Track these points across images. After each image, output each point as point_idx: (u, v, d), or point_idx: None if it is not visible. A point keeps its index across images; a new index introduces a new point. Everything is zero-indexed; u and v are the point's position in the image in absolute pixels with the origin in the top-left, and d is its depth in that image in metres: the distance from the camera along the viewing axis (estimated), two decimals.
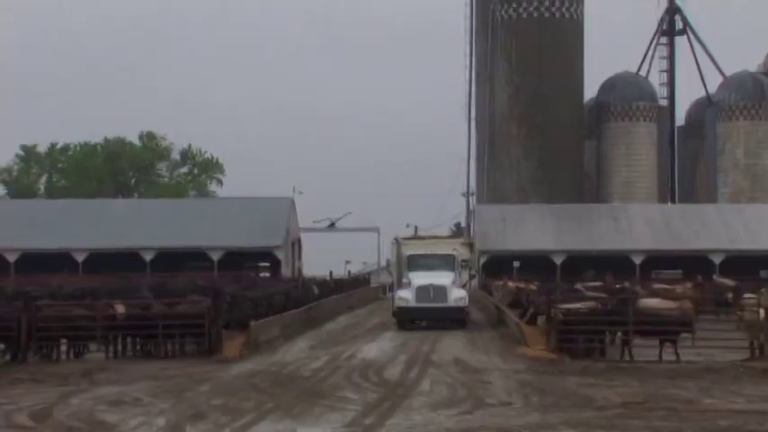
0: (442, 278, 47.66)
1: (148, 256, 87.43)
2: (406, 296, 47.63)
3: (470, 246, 57.27)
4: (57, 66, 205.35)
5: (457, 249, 51.77)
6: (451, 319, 46.91)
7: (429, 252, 50.63)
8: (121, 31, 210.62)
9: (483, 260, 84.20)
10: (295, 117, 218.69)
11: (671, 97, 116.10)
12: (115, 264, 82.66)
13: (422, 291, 47.07)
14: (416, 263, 49.33)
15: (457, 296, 47.48)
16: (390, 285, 52.61)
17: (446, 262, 49.34)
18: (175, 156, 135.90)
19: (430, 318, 47.28)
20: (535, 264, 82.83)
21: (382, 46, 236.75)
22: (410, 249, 51.21)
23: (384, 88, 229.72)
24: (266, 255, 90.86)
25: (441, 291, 47.04)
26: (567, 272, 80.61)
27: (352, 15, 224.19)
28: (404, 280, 49.16)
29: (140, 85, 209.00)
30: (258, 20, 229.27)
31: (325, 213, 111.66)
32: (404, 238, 54.49)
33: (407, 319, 47.42)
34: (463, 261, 51.28)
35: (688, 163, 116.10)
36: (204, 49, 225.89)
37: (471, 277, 55.51)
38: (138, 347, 35.07)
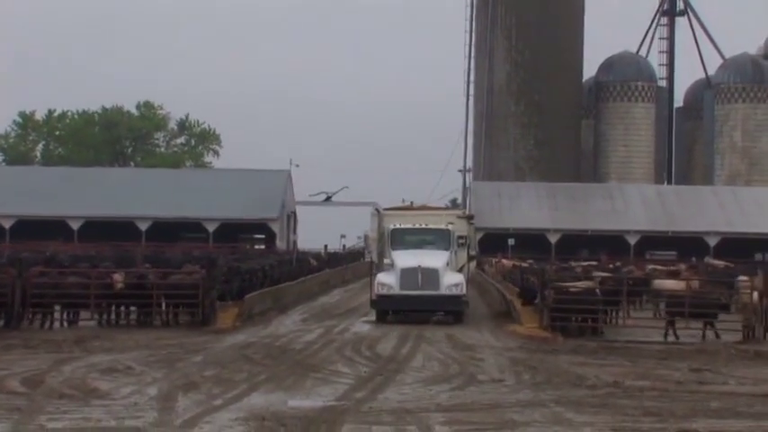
0: (434, 259, 38.38)
1: (144, 226, 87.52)
2: (387, 281, 38.17)
3: (469, 219, 45.28)
4: (56, 33, 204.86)
5: (453, 223, 41.73)
6: (445, 311, 38.51)
7: (418, 226, 41.01)
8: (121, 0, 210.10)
9: (478, 237, 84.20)
10: (293, 90, 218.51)
11: (670, 78, 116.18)
12: (110, 232, 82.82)
13: (408, 274, 37.73)
14: (402, 239, 40.04)
15: (452, 282, 38.14)
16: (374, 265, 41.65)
17: (439, 239, 40.03)
18: (173, 126, 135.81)
19: (418, 308, 37.87)
20: (530, 242, 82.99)
21: (381, 20, 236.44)
22: (394, 222, 41.19)
23: (383, 63, 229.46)
24: (261, 227, 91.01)
25: (432, 275, 37.71)
26: (562, 250, 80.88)
27: None
28: (386, 260, 39.92)
29: (138, 54, 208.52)
30: None
31: (321, 187, 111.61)
32: (386, 209, 44.22)
33: (389, 310, 38.59)
34: (460, 238, 41.23)
35: (685, 144, 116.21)
36: (204, 22, 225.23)
37: (470, 258, 43.77)
38: (131, 316, 35.10)
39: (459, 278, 38.82)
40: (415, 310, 37.93)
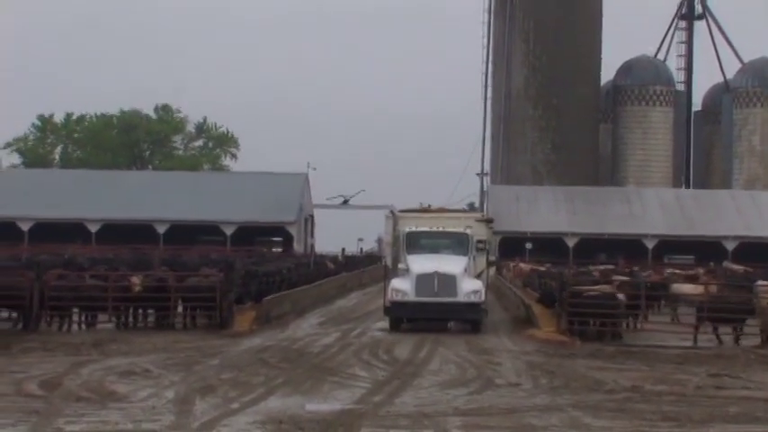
0: (451, 264, 36.25)
1: (162, 229, 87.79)
2: (402, 287, 36.03)
3: (488, 223, 41.49)
4: (74, 36, 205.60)
5: (471, 227, 39.41)
6: (462, 319, 36.61)
7: (434, 229, 38.87)
8: (137, 3, 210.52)
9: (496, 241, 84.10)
10: (310, 93, 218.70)
11: (688, 82, 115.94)
12: (128, 235, 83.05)
13: (424, 280, 35.59)
14: (417, 243, 37.74)
15: (470, 288, 35.95)
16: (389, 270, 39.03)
17: (457, 243, 37.77)
18: (190, 129, 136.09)
19: (434, 316, 36.16)
20: (548, 246, 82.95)
21: (399, 23, 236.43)
22: (410, 225, 38.98)
23: (402, 66, 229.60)
24: (279, 230, 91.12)
25: (449, 281, 35.62)
26: (580, 254, 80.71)
27: None
28: (400, 265, 37.62)
29: (157, 57, 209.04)
30: None
31: (338, 190, 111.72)
32: (402, 211, 41.69)
33: (404, 318, 36.69)
34: (479, 242, 38.80)
35: (703, 148, 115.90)
36: (222, 25, 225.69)
37: (490, 264, 41.04)
38: (148, 319, 35.15)
39: (477, 285, 36.54)
40: (430, 318, 36.16)
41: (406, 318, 36.68)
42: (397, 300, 36.03)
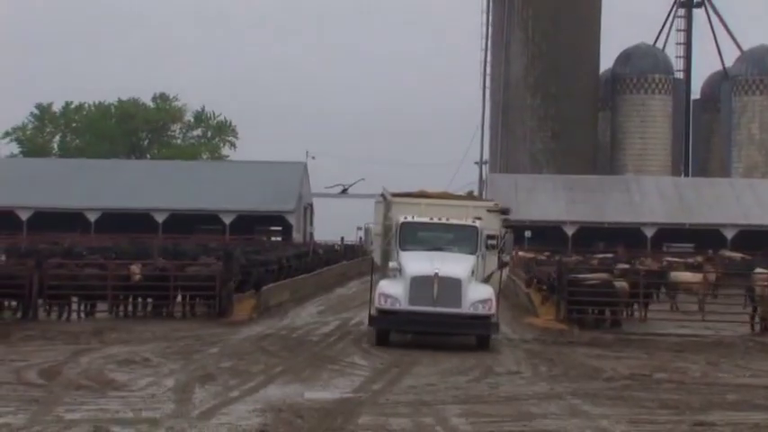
0: (455, 265, 28.79)
1: (161, 218, 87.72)
2: (393, 292, 28.50)
3: (503, 214, 33.47)
4: (71, 24, 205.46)
5: (481, 218, 31.48)
6: (467, 334, 29.41)
7: (436, 221, 30.69)
8: None
9: None
10: (309, 82, 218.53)
11: (687, 70, 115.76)
12: (127, 224, 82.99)
13: (420, 285, 28.17)
14: (413, 237, 30.16)
15: (478, 297, 28.49)
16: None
17: (463, 238, 30.32)
18: (189, 118, 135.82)
19: (431, 330, 28.90)
20: (547, 234, 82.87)
21: (398, 12, 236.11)
22: (405, 214, 30.89)
23: (399, 55, 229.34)
24: (278, 219, 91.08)
25: (452, 287, 28.20)
26: (579, 243, 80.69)
27: None
28: (391, 264, 29.88)
29: (156, 45, 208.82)
30: None
31: (337, 179, 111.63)
32: (396, 194, 32.82)
33: (393, 330, 29.27)
34: (490, 238, 30.90)
35: (702, 136, 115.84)
36: (218, 13, 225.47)
37: (503, 265, 32.86)
38: (147, 308, 35.15)
39: (487, 292, 29.05)
40: (427, 331, 29.06)
41: (394, 330, 29.40)
42: (385, 308, 28.54)
